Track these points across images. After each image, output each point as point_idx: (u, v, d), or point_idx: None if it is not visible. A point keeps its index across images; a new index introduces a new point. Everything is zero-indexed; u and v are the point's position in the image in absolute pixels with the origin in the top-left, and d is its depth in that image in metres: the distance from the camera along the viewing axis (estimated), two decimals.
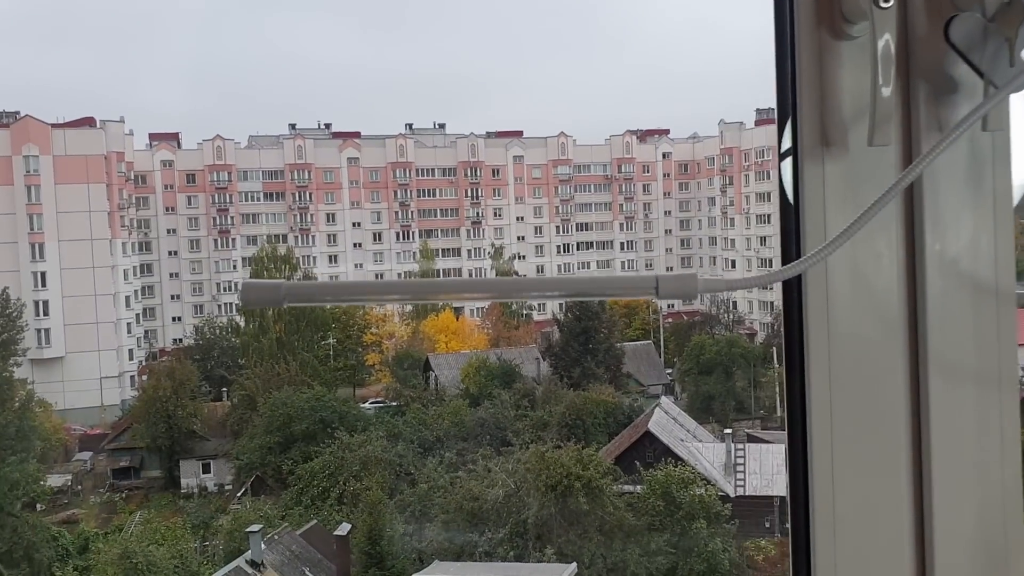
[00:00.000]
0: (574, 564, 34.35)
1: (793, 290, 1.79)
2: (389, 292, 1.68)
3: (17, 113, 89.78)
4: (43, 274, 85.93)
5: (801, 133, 1.72)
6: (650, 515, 39.10)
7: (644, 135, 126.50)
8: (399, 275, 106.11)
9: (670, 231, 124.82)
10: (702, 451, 49.84)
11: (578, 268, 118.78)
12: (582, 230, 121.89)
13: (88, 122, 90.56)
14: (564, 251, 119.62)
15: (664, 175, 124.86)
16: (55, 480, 60.08)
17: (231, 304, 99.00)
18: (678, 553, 38.30)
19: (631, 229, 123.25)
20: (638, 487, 40.85)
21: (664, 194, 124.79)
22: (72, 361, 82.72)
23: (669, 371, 79.79)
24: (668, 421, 52.79)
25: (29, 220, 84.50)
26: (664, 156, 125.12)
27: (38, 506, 54.57)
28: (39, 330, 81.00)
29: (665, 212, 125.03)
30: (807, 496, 1.76)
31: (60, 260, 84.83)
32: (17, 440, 48.50)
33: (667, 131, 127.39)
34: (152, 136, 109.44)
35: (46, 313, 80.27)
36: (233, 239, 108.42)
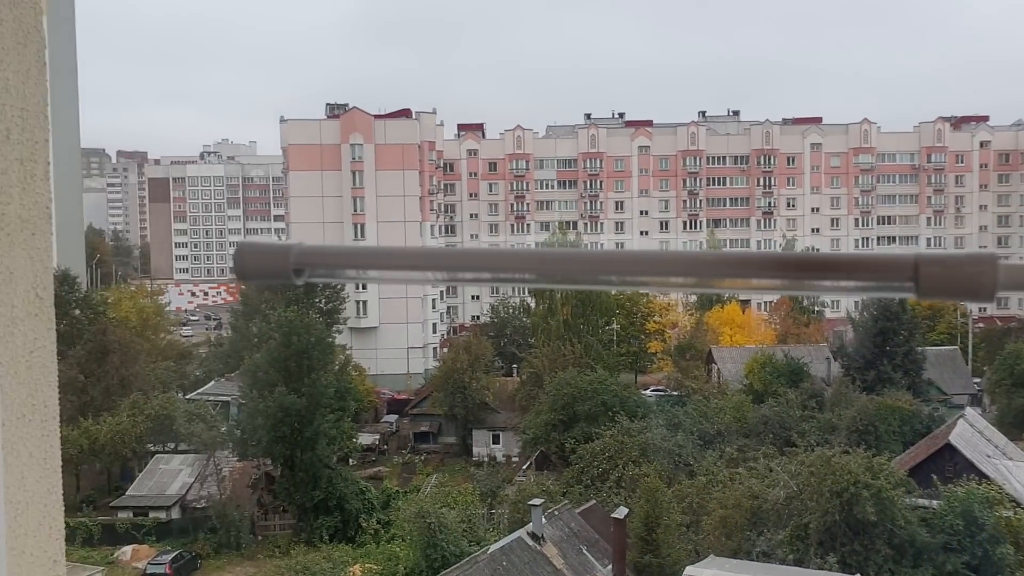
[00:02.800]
0: None
1: None
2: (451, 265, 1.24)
3: (346, 105, 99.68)
4: None
5: None
6: (947, 534, 36.51)
7: (959, 122, 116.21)
8: None
9: (985, 227, 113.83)
10: (1012, 470, 45.54)
11: None
12: (883, 224, 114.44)
13: (405, 113, 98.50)
14: (863, 246, 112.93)
15: (981, 166, 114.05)
16: (365, 439, 66.30)
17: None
18: None
19: (940, 224, 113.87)
20: (934, 502, 38.25)
21: (980, 187, 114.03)
22: (385, 331, 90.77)
23: (977, 380, 73.66)
24: (973, 435, 48.66)
25: (353, 202, 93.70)
26: (982, 145, 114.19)
27: (350, 461, 60.72)
28: (358, 302, 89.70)
29: (980, 206, 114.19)
30: None
31: (378, 239, 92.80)
32: (336, 400, 53.43)
33: (986, 118, 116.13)
34: (460, 126, 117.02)
35: (364, 287, 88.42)
36: (528, 225, 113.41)
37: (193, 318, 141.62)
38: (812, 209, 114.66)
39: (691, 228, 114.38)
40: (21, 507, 1.58)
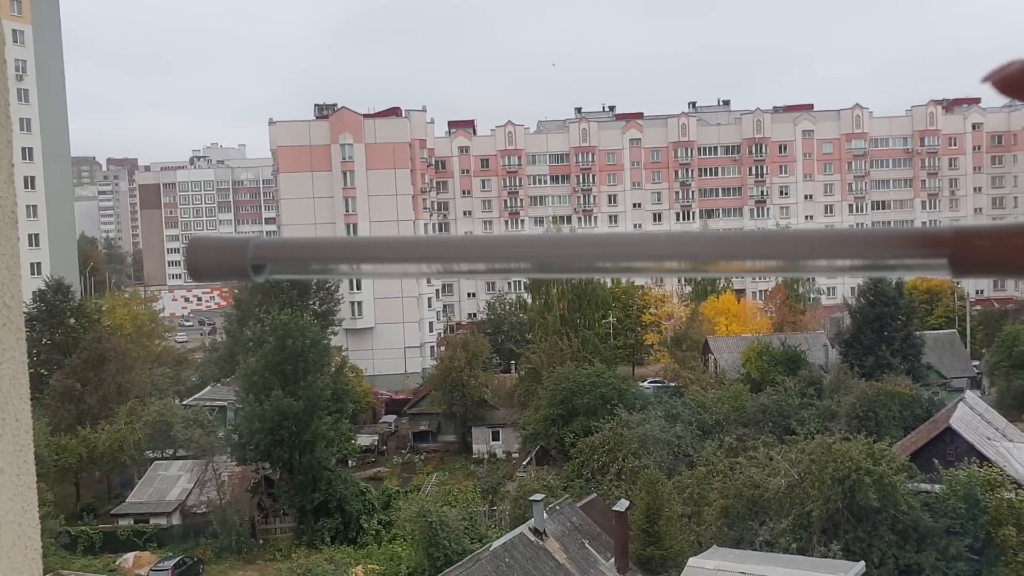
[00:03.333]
0: (862, 563, 32.82)
1: None
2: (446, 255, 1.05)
3: (335, 105, 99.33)
4: None
5: None
6: (949, 517, 36.48)
7: (951, 104, 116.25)
8: None
9: (980, 210, 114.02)
10: (1012, 451, 45.54)
11: None
12: (878, 209, 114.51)
13: (394, 112, 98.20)
14: None
15: (974, 148, 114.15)
16: (364, 440, 66.20)
17: (520, 282, 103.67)
18: (982, 561, 35.50)
19: (935, 208, 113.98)
20: (936, 487, 38.21)
21: (974, 169, 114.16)
22: (381, 331, 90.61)
23: (976, 363, 73.67)
24: (973, 417, 48.69)
25: (345, 203, 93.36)
26: (974, 127, 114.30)
27: (349, 462, 60.60)
28: (353, 303, 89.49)
29: (975, 188, 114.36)
30: None
31: None
32: (333, 401, 53.24)
33: (978, 100, 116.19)
34: (451, 124, 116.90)
35: (359, 288, 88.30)
36: (522, 220, 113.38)
37: (187, 323, 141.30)
38: (805, 196, 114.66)
39: (684, 219, 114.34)
40: None
